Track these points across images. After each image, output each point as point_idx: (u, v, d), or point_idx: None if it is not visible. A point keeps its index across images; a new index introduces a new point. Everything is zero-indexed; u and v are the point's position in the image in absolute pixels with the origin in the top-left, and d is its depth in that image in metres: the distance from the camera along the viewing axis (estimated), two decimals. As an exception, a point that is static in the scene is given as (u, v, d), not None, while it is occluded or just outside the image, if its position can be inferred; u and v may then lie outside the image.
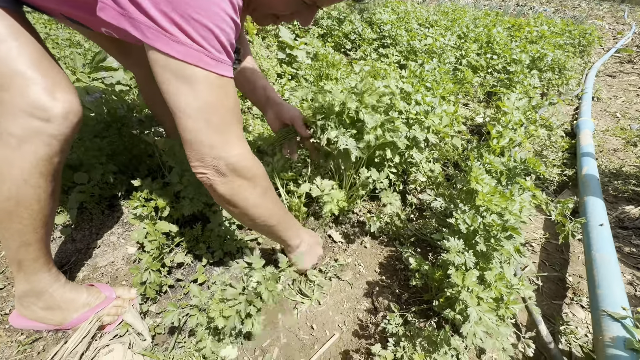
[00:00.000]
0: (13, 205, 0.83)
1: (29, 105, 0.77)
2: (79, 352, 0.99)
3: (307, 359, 1.04)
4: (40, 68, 0.79)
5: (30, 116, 0.78)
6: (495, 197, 0.98)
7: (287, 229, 1.06)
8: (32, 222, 0.87)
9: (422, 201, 1.61)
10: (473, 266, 0.85)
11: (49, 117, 0.79)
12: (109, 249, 1.33)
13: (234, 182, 0.82)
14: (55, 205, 0.93)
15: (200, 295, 0.99)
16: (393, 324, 0.94)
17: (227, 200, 0.86)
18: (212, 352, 0.99)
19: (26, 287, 0.96)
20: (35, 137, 0.79)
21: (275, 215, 0.98)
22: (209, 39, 0.66)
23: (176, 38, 0.64)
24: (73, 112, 0.83)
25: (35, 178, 0.82)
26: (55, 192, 0.90)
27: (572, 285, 1.38)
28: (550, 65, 2.88)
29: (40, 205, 0.86)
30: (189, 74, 0.68)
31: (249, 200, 0.87)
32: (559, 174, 2.01)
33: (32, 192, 0.83)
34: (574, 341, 1.16)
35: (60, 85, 0.82)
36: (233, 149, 0.78)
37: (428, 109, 1.43)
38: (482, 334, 0.74)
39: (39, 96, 0.78)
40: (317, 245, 1.23)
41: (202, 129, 0.73)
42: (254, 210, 0.90)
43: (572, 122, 2.74)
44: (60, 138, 0.83)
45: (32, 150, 0.80)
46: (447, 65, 2.42)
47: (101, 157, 1.41)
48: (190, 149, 0.77)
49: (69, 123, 0.82)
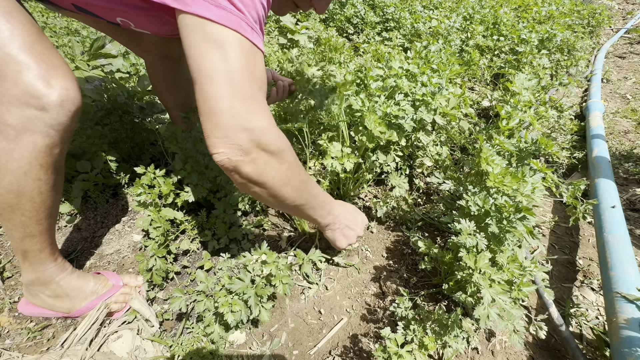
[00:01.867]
0: (14, 197, 0.80)
1: (22, 93, 0.72)
2: (88, 338, 1.00)
3: (315, 343, 1.04)
4: (34, 52, 0.74)
5: (25, 105, 0.73)
6: (506, 178, 0.95)
7: (317, 207, 0.96)
8: (35, 215, 0.85)
9: (429, 185, 1.59)
10: (485, 248, 0.83)
11: (44, 105, 0.74)
12: (114, 237, 1.33)
13: (260, 158, 0.74)
14: (58, 197, 0.91)
15: (207, 281, 0.99)
16: (402, 308, 0.93)
17: (254, 181, 0.77)
18: (220, 337, 0.99)
19: (33, 277, 0.96)
20: (33, 128, 0.75)
21: (304, 193, 0.89)
22: (249, 7, 0.67)
23: (217, 2, 0.64)
24: (70, 99, 0.77)
25: (35, 170, 0.79)
26: (57, 183, 0.87)
27: (582, 268, 1.36)
28: (559, 46, 2.80)
29: (42, 197, 0.84)
30: (223, 36, 0.65)
31: (276, 179, 0.79)
32: (568, 156, 1.97)
33: (33, 185, 0.81)
34: (584, 323, 1.14)
35: (56, 71, 0.77)
36: (258, 120, 0.71)
37: (435, 90, 1.38)
38: (496, 316, 0.73)
39: (33, 83, 0.72)
40: (353, 222, 1.09)
41: (226, 95, 0.67)
42: (282, 190, 0.82)
43: (581, 105, 2.68)
44: (59, 128, 0.78)
45: (30, 142, 0.76)
46: (453, 47, 2.36)
47: (103, 145, 1.39)
48: (209, 121, 0.69)
49: (66, 112, 0.77)
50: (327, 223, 1.03)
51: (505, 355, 1.04)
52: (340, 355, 1.00)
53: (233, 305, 0.87)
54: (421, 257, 1.27)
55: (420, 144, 1.48)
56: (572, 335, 1.03)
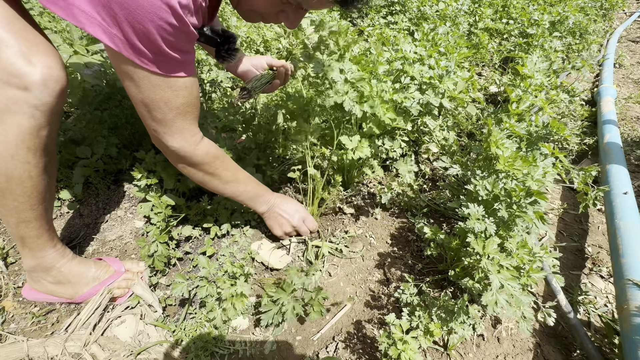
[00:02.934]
0: (4, 181, 0.78)
1: (2, 72, 0.69)
2: (92, 323, 1.00)
3: (318, 329, 1.03)
4: (13, 28, 0.70)
5: (6, 84, 0.70)
6: (517, 162, 0.91)
7: (249, 199, 1.12)
8: (28, 200, 0.83)
9: (434, 171, 1.56)
10: (494, 233, 0.80)
11: (26, 84, 0.71)
12: (116, 223, 1.32)
13: (176, 163, 0.94)
14: (51, 181, 0.89)
15: (208, 267, 0.97)
16: (407, 294, 0.91)
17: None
18: (223, 323, 0.99)
19: (33, 263, 0.95)
20: (16, 108, 0.72)
21: (229, 189, 1.05)
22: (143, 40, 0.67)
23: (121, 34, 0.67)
24: (54, 78, 0.74)
25: (22, 153, 0.76)
26: (48, 167, 0.84)
27: (591, 255, 1.33)
28: (571, 29, 2.70)
29: (33, 182, 0.81)
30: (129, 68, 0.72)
31: (194, 177, 0.98)
32: (577, 143, 1.92)
33: (21, 168, 0.78)
34: (592, 311, 1.12)
35: (38, 48, 0.73)
36: (173, 141, 0.86)
37: (442, 73, 1.34)
38: (504, 302, 0.71)
39: (13, 61, 0.69)
40: (288, 212, 1.19)
41: (146, 117, 0.82)
42: (203, 185, 1.02)
43: (593, 90, 2.60)
44: (44, 109, 0.75)
45: (15, 123, 0.73)
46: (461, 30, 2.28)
47: (103, 131, 1.37)
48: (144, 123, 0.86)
49: (50, 91, 0.74)
50: (262, 211, 1.17)
51: (512, 342, 1.02)
52: (344, 341, 0.99)
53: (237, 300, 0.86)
54: (427, 243, 1.25)
55: (427, 128, 1.44)
56: (580, 323, 1.02)
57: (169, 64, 0.73)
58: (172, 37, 0.68)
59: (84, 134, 1.37)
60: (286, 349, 0.98)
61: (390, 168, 1.57)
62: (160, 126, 0.83)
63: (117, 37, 0.66)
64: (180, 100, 0.80)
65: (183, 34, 0.69)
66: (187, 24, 0.68)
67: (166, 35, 0.67)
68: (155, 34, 0.65)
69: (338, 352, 0.96)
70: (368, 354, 0.95)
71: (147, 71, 0.72)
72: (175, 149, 0.88)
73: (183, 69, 0.76)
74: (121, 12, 0.62)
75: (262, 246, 1.23)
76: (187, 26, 0.68)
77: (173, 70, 0.75)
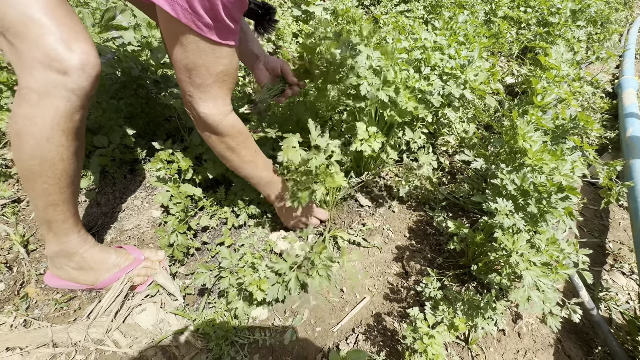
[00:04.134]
0: (37, 164, 0.81)
1: (45, 57, 0.73)
2: (113, 310, 1.01)
3: (338, 320, 1.03)
4: (56, 16, 0.74)
5: (47, 68, 0.74)
6: (545, 156, 0.89)
7: (263, 185, 1.11)
8: (57, 182, 0.85)
9: (452, 165, 1.53)
10: (523, 229, 0.79)
11: (66, 69, 0.75)
12: (133, 213, 1.32)
13: (203, 130, 0.94)
14: (79, 165, 0.91)
15: (230, 258, 0.97)
16: (431, 288, 0.91)
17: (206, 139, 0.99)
18: (243, 313, 0.99)
19: (57, 248, 0.96)
20: (54, 92, 0.75)
21: (245, 169, 1.05)
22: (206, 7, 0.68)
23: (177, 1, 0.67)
24: (90, 64, 0.78)
25: (57, 136, 0.80)
26: (78, 151, 0.87)
27: (612, 251, 1.31)
28: (593, 18, 2.60)
29: (64, 164, 0.84)
30: (181, 33, 0.73)
31: (216, 149, 0.99)
32: (598, 136, 1.87)
33: (55, 151, 0.81)
34: (614, 307, 1.11)
35: (77, 35, 0.77)
36: (205, 107, 0.87)
37: (464, 63, 1.30)
38: (537, 299, 0.69)
39: (55, 47, 0.73)
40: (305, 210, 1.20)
41: (185, 81, 0.83)
42: (223, 159, 1.02)
43: (613, 82, 2.53)
44: (79, 93, 0.79)
45: (52, 106, 0.76)
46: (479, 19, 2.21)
47: (119, 120, 1.36)
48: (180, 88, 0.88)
49: (87, 76, 0.78)
50: (273, 200, 1.16)
51: (532, 337, 1.02)
52: (364, 333, 0.99)
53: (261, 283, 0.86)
54: (448, 237, 1.24)
55: (446, 120, 1.41)
56: (603, 320, 1.00)
57: (222, 31, 0.74)
58: (232, 5, 0.70)
59: (100, 123, 1.36)
60: (306, 339, 0.99)
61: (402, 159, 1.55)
62: (197, 91, 0.84)
63: (178, 4, 0.67)
64: (221, 68, 0.82)
65: (239, 2, 0.72)
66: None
67: (227, 2, 0.69)
68: (219, 2, 0.68)
69: (358, 344, 0.97)
70: (389, 347, 0.95)
71: (199, 37, 0.73)
72: (205, 116, 0.89)
73: (232, 37, 0.78)
74: None
75: (280, 237, 1.22)
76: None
77: (224, 38, 0.76)
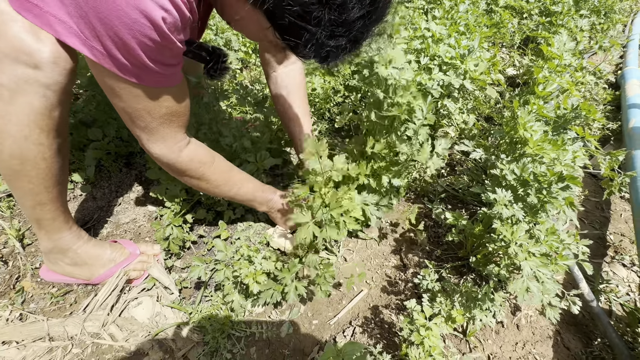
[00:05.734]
0: (18, 164, 0.76)
1: (11, 49, 0.66)
2: (109, 304, 1.00)
3: (335, 313, 1.02)
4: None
5: (16, 61, 0.67)
6: (546, 145, 0.87)
7: (246, 200, 1.08)
8: (42, 182, 0.81)
9: (452, 156, 1.51)
10: (522, 219, 0.77)
11: (36, 62, 0.68)
12: (129, 206, 1.31)
13: (164, 167, 0.91)
14: (65, 163, 0.87)
15: (225, 251, 0.96)
16: (428, 280, 0.90)
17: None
18: (239, 306, 0.98)
19: (50, 245, 0.95)
20: (27, 88, 0.69)
21: (221, 192, 1.01)
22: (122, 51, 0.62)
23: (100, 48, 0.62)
24: (63, 56, 0.70)
25: (35, 134, 0.74)
26: (62, 149, 0.83)
27: (613, 243, 1.30)
28: (596, 7, 2.56)
29: (47, 163, 0.80)
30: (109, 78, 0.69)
31: (183, 181, 0.96)
32: (600, 127, 1.85)
33: (35, 150, 0.76)
34: (614, 299, 1.10)
35: None
36: (155, 148, 0.83)
37: (464, 53, 1.27)
38: (536, 289, 0.68)
39: (21, 37, 0.65)
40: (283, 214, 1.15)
41: (129, 124, 0.80)
42: (195, 188, 0.99)
43: (616, 72, 2.49)
44: (55, 88, 0.72)
45: (26, 103, 0.71)
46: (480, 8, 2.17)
47: (113, 112, 1.35)
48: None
49: (60, 69, 0.71)
50: (262, 210, 1.13)
51: (531, 329, 1.01)
52: (361, 325, 0.98)
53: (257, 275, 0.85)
54: (447, 229, 1.23)
55: (445, 111, 1.39)
56: (603, 311, 0.99)
57: (152, 76, 0.69)
58: (156, 52, 0.64)
59: (94, 116, 1.34)
60: (302, 332, 0.98)
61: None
62: (143, 133, 0.80)
63: (97, 50, 0.62)
64: (164, 110, 0.77)
65: (167, 49, 0.65)
66: (171, 40, 0.63)
67: (149, 51, 0.63)
68: (137, 49, 0.61)
69: (355, 336, 0.96)
70: (386, 339, 0.95)
71: (129, 83, 0.68)
72: (158, 156, 0.86)
73: (167, 80, 0.73)
74: (101, 26, 0.58)
75: (277, 231, 1.21)
76: (171, 42, 0.63)
77: (156, 82, 0.71)
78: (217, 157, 0.96)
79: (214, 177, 0.95)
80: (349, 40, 0.62)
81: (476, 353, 0.93)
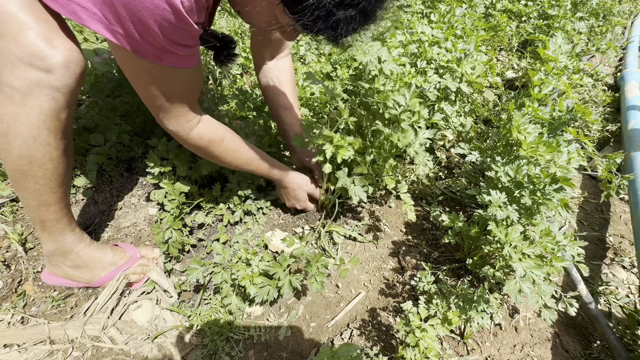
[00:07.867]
0: (26, 164, 0.80)
1: (26, 54, 0.70)
2: (109, 307, 1.01)
3: (333, 316, 1.02)
4: (34, 11, 0.71)
5: (29, 66, 0.71)
6: (540, 147, 0.88)
7: (261, 171, 1.13)
8: (48, 182, 0.84)
9: (450, 159, 1.52)
10: (516, 221, 0.78)
11: (49, 67, 0.72)
12: (130, 210, 1.33)
13: (181, 142, 0.97)
14: (70, 164, 0.90)
15: (223, 253, 0.97)
16: (425, 282, 0.90)
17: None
18: (238, 309, 0.99)
19: (53, 247, 0.96)
20: (38, 90, 0.74)
21: (231, 167, 1.08)
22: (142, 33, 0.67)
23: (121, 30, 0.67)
24: (74, 61, 0.76)
25: (44, 135, 0.78)
26: (67, 150, 0.86)
27: (612, 245, 1.29)
28: (594, 10, 2.57)
29: (54, 164, 0.83)
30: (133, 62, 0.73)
31: (199, 153, 1.02)
32: (599, 129, 1.85)
33: (43, 150, 0.80)
34: (614, 302, 1.10)
35: (58, 31, 0.74)
36: (169, 124, 0.90)
37: (460, 56, 1.28)
38: (528, 290, 0.69)
39: (36, 43, 0.70)
40: (300, 190, 1.21)
41: (147, 103, 0.85)
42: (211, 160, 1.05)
43: (616, 74, 2.49)
44: (65, 90, 0.77)
45: (36, 105, 0.75)
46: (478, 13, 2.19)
47: (115, 118, 1.37)
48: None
49: (71, 73, 0.76)
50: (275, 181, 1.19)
51: (529, 331, 1.01)
52: (359, 328, 0.99)
53: (254, 278, 0.85)
54: (443, 231, 1.23)
55: (443, 114, 1.40)
56: (602, 313, 0.99)
57: (170, 57, 0.73)
58: (175, 34, 0.69)
59: (96, 122, 1.37)
60: (300, 335, 0.98)
61: (403, 155, 1.54)
62: (160, 111, 0.87)
63: (119, 33, 0.67)
64: (179, 90, 0.83)
65: (185, 32, 0.70)
66: (189, 23, 0.67)
67: (169, 33, 0.67)
68: (158, 32, 0.66)
69: (353, 339, 0.96)
70: (383, 341, 0.95)
71: (149, 64, 0.73)
72: (172, 132, 0.93)
73: (184, 61, 0.77)
74: (125, 11, 0.63)
75: (275, 234, 1.22)
76: (189, 24, 0.68)
77: (174, 63, 0.75)
78: (227, 136, 1.02)
79: (222, 155, 1.03)
80: (357, 10, 0.64)
81: (474, 355, 0.93)
